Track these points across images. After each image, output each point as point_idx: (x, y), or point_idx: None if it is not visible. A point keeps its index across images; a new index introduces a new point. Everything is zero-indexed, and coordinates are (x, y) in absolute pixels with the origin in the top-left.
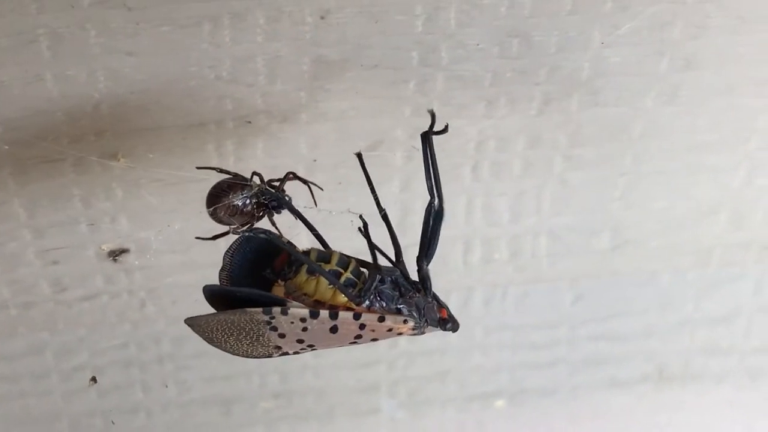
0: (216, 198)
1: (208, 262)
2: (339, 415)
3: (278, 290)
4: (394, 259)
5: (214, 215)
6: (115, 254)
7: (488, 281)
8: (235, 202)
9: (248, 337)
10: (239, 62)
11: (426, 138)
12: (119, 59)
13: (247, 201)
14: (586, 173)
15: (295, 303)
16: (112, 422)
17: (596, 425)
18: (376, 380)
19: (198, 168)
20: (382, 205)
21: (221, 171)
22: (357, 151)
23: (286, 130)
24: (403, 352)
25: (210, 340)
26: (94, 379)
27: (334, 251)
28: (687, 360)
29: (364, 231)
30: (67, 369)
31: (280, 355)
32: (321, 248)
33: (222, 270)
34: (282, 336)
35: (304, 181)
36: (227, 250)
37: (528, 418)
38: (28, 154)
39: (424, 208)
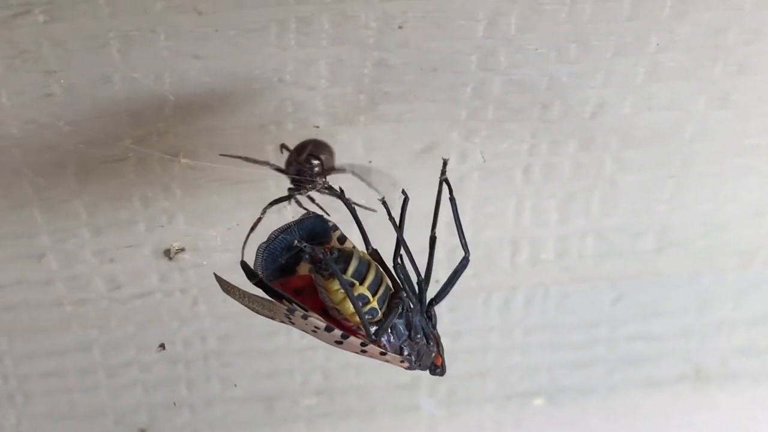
0: None
1: None
2: (379, 412)
3: (303, 269)
4: (418, 288)
5: None
6: (171, 253)
7: (533, 282)
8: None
9: (266, 311)
10: (302, 65)
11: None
12: (186, 62)
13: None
14: (636, 175)
15: (314, 315)
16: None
17: (633, 424)
18: (416, 379)
19: (221, 155)
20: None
21: (247, 159)
22: (443, 176)
23: (344, 131)
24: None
25: (231, 296)
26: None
27: (372, 265)
28: (724, 360)
29: (402, 207)
30: (114, 365)
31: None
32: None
33: (263, 243)
34: (293, 324)
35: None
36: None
37: (566, 417)
38: (91, 154)
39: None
